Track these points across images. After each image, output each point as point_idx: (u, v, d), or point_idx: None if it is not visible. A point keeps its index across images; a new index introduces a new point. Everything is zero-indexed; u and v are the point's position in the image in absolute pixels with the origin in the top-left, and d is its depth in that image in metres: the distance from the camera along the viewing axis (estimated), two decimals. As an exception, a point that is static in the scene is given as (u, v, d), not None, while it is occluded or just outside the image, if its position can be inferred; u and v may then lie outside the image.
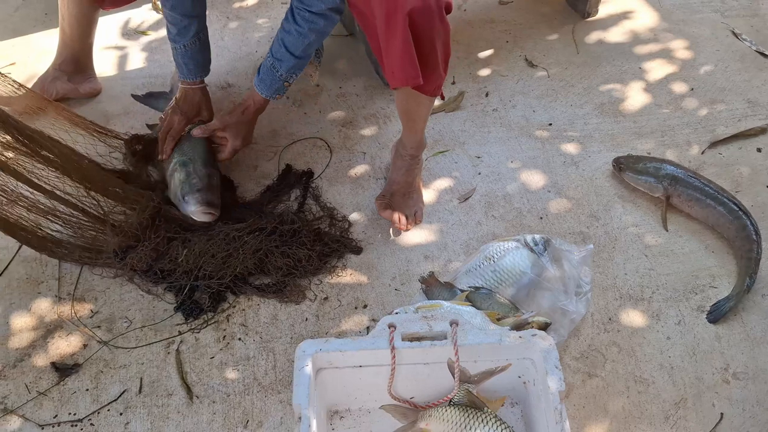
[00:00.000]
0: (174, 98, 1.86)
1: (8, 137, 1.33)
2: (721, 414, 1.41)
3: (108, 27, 2.34)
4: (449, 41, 1.54)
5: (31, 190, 1.51)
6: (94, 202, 1.57)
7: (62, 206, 1.57)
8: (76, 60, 2.05)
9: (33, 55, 2.31)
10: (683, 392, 1.45)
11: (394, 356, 1.25)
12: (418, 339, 1.27)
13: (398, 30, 1.44)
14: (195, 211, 1.68)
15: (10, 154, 1.39)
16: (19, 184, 1.49)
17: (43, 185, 1.49)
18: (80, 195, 1.55)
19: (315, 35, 1.62)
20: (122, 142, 1.87)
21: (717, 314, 1.56)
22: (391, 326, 1.27)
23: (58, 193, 1.52)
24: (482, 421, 1.27)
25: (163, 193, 1.74)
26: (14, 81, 1.69)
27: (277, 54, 1.66)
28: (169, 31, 1.78)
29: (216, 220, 1.70)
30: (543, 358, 1.22)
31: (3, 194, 1.49)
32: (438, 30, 1.48)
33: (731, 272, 1.65)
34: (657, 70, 2.17)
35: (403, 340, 1.26)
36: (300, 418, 1.17)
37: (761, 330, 1.54)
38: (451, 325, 1.27)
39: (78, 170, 1.50)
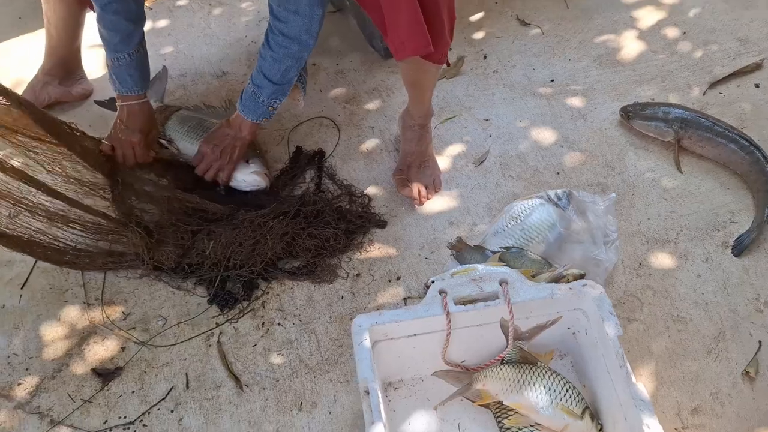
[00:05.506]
0: (118, 121, 1.72)
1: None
2: (759, 342, 1.46)
3: (92, 24, 2.27)
4: (453, 6, 1.53)
5: (50, 199, 1.48)
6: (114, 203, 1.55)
7: (83, 212, 1.54)
8: (65, 63, 1.99)
9: (13, 63, 2.24)
10: (720, 326, 1.49)
11: (449, 321, 1.26)
12: (471, 302, 1.28)
13: (405, 1, 1.43)
14: (259, 171, 1.74)
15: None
16: (39, 194, 1.46)
17: (64, 193, 1.45)
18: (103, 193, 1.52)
19: (290, 61, 1.57)
20: None
21: (741, 247, 1.60)
22: (442, 292, 1.28)
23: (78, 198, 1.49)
24: (538, 375, 1.29)
25: None
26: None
27: (256, 81, 1.62)
28: (108, 43, 1.63)
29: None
30: (596, 307, 1.24)
31: (22, 206, 1.45)
32: None
33: (749, 206, 1.69)
34: (647, 17, 2.19)
35: (456, 304, 1.27)
36: (367, 391, 1.18)
37: (785, 258, 1.59)
38: (501, 285, 1.28)
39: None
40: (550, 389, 1.26)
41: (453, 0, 1.52)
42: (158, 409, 1.44)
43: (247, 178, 1.75)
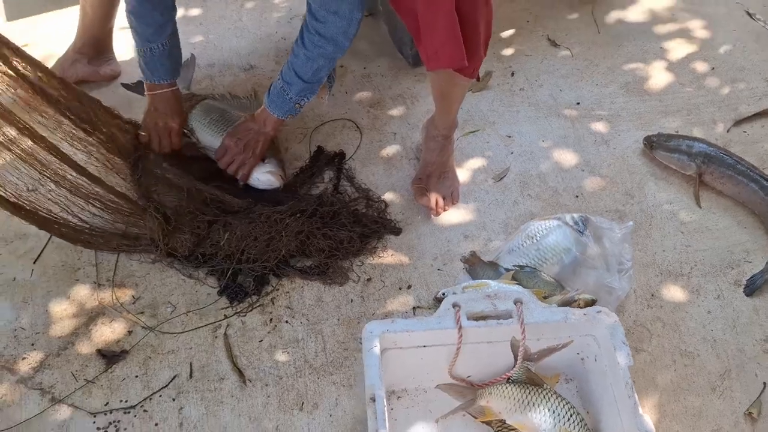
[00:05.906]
0: (152, 110, 1.73)
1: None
2: (764, 383, 1.45)
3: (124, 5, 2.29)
4: (491, 22, 1.53)
5: (74, 173, 1.49)
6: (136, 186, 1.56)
7: (103, 191, 1.54)
8: (96, 43, 2.00)
9: (45, 37, 2.25)
10: (727, 364, 1.49)
11: (461, 336, 1.26)
12: (483, 318, 1.28)
13: (443, 11, 1.42)
14: (273, 171, 1.73)
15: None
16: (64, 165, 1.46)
17: (89, 169, 1.46)
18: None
19: (323, 61, 1.58)
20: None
21: (753, 287, 1.60)
22: (456, 306, 1.28)
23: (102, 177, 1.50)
24: (543, 397, 1.29)
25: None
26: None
27: (286, 77, 1.62)
28: (140, 34, 1.63)
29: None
30: (609, 334, 1.24)
31: (48, 174, 1.46)
32: (482, 11, 1.47)
33: (764, 247, 1.68)
34: (678, 49, 2.20)
35: (468, 319, 1.27)
36: (373, 399, 1.18)
37: (797, 302, 1.58)
38: (515, 304, 1.28)
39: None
40: (554, 412, 1.26)
41: (492, 14, 1.51)
42: (160, 396, 1.45)
43: (261, 176, 1.74)
